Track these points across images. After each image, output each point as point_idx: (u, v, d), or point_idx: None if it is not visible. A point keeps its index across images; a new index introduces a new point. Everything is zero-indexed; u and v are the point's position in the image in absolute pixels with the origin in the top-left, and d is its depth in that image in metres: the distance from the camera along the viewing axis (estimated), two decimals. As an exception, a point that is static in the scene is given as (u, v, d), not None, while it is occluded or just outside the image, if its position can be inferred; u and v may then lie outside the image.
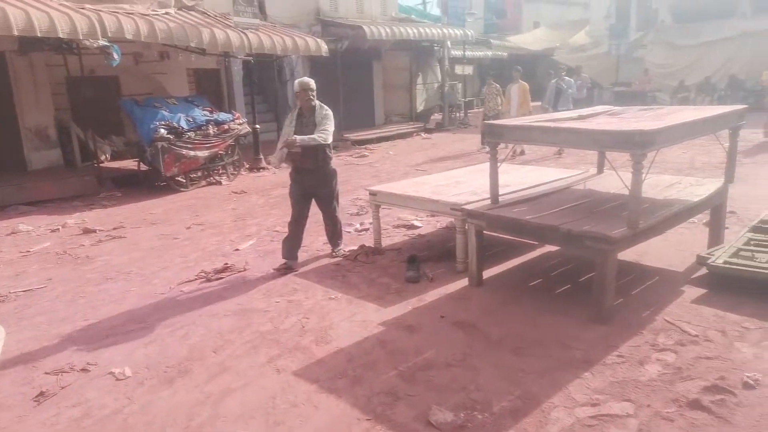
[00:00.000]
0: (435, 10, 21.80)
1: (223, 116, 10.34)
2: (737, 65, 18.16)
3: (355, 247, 5.65)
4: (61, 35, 7.92)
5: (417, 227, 6.46)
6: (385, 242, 5.85)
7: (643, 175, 3.67)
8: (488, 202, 4.58)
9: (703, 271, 4.45)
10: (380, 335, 3.78)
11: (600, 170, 5.74)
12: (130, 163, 10.74)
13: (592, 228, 3.75)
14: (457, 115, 19.90)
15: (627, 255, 4.66)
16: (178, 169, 9.40)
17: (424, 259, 5.21)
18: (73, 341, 3.94)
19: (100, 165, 10.11)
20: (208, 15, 11.22)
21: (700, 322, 3.70)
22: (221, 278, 5.08)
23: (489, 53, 24.52)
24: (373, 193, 5.59)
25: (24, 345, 3.87)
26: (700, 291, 4.21)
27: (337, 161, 11.78)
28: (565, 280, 4.66)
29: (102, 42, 8.36)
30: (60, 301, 4.76)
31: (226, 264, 5.39)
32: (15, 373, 3.49)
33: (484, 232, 4.46)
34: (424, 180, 6.08)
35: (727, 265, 4.21)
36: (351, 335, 3.79)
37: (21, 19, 7.54)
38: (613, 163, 5.17)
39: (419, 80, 18.98)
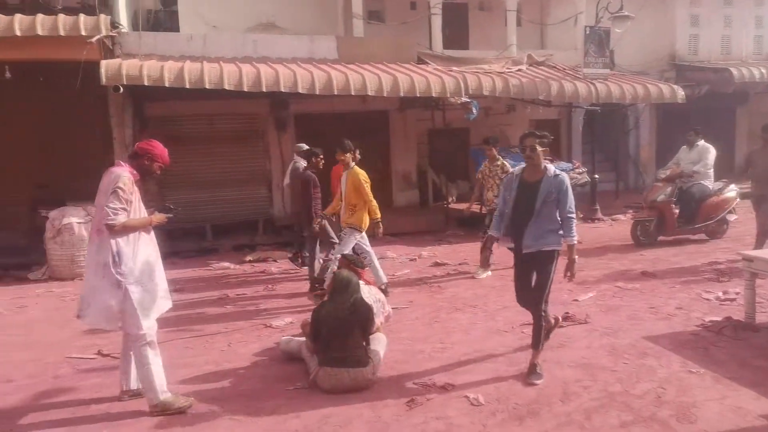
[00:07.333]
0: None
1: (563, 165, 10.44)
2: None
3: (719, 319, 4.91)
4: (434, 94, 9.34)
5: (805, 306, 5.25)
6: (761, 318, 4.91)
7: None
8: None
9: None
10: None
11: None
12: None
13: None
14: None
15: None
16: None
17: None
18: (433, 360, 4.45)
19: (448, 206, 11.34)
20: (558, 68, 11.59)
21: None
22: (562, 327, 5.03)
23: None
24: (748, 259, 4.79)
25: (395, 356, 4.53)
26: None
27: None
28: None
29: (464, 99, 9.48)
30: (419, 322, 5.45)
31: (567, 313, 5.33)
32: (391, 378, 4.12)
33: None
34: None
35: None
36: (723, 421, 3.28)
37: (406, 83, 9.20)
38: None
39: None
